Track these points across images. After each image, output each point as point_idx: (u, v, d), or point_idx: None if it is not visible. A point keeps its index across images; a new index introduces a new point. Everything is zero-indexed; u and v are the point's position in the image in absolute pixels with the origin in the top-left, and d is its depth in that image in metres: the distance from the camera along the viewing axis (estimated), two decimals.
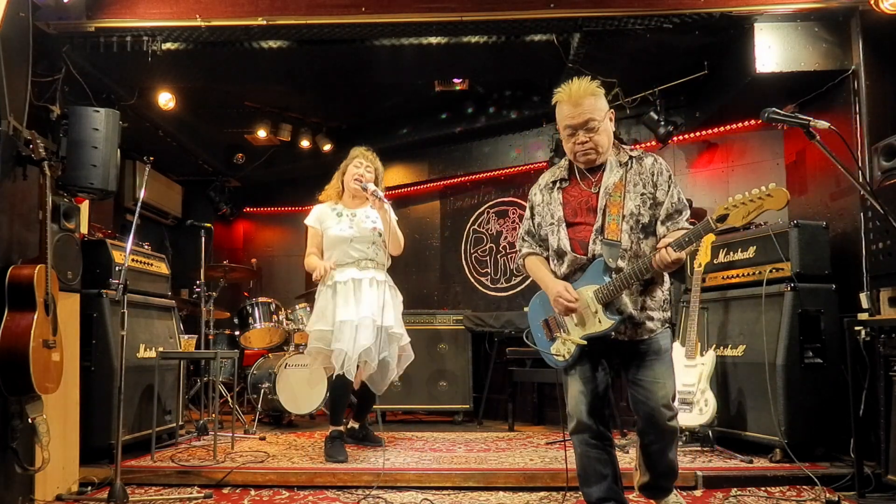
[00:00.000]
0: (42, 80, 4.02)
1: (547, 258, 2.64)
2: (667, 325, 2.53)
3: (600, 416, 2.53)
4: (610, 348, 2.52)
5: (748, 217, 2.16)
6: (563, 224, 2.53)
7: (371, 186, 3.93)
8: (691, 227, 2.38)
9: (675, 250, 2.25)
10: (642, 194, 2.45)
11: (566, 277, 2.53)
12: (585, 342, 2.47)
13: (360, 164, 4.05)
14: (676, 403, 3.23)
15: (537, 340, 2.66)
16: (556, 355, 2.57)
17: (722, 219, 2.19)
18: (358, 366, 3.83)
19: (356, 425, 4.34)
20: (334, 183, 4.15)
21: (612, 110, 2.53)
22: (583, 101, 2.42)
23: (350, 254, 3.96)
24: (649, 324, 2.48)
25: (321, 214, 4.08)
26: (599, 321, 2.43)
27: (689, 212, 2.47)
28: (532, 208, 2.68)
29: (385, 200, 3.89)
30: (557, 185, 2.60)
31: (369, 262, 3.98)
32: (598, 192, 2.48)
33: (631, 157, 2.51)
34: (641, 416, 2.51)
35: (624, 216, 2.43)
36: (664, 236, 2.41)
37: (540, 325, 2.65)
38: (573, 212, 2.53)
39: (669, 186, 2.46)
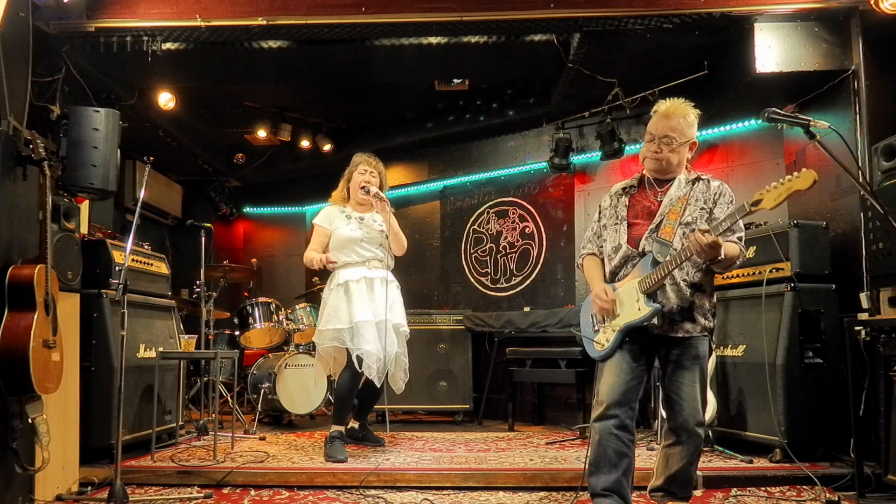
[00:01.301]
0: (42, 80, 4.02)
1: (603, 261, 2.79)
2: (706, 333, 2.61)
3: (629, 409, 2.57)
4: (650, 344, 2.61)
5: (779, 199, 2.27)
6: (625, 222, 2.69)
7: (373, 189, 4.05)
8: (739, 241, 2.53)
9: (710, 234, 2.34)
10: (702, 208, 2.60)
11: (618, 269, 2.67)
12: (624, 329, 2.57)
13: (365, 171, 4.13)
14: None
15: (584, 331, 2.81)
16: (597, 344, 2.68)
17: (756, 203, 2.31)
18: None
19: (356, 425, 4.34)
20: (340, 190, 4.23)
21: (695, 141, 2.68)
22: (672, 117, 2.62)
23: (360, 253, 4.03)
24: (687, 324, 2.57)
25: (330, 215, 4.13)
26: (639, 309, 2.53)
27: (743, 234, 2.58)
28: (600, 211, 2.85)
29: (387, 201, 4.03)
30: (627, 191, 2.77)
31: (378, 263, 4.05)
32: (662, 200, 2.64)
33: (699, 178, 2.67)
34: (670, 417, 2.64)
35: (681, 223, 2.56)
36: None
37: (589, 318, 2.78)
38: (635, 214, 2.70)
39: (728, 207, 2.59)
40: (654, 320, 2.53)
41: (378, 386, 3.96)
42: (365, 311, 3.88)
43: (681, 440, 2.60)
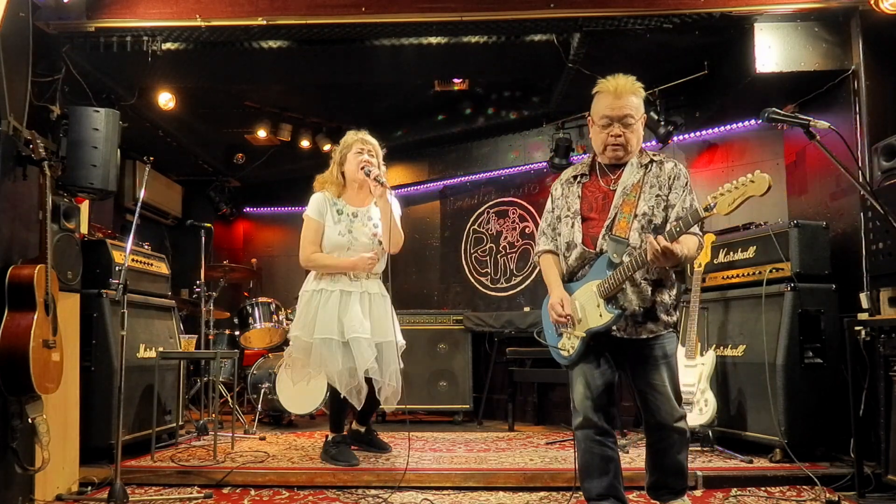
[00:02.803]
0: (42, 80, 4.02)
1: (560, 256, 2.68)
2: (671, 328, 2.56)
3: (605, 413, 2.55)
4: (615, 347, 2.55)
5: (734, 204, 2.19)
6: (579, 217, 2.59)
7: (374, 171, 3.63)
8: (699, 232, 2.44)
9: (665, 240, 2.27)
10: (657, 196, 2.50)
11: (575, 270, 2.59)
12: (587, 335, 2.50)
13: (361, 149, 3.72)
14: None
15: (547, 336, 2.72)
16: (562, 350, 2.61)
17: (709, 208, 2.24)
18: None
19: (361, 429, 4.15)
20: (331, 174, 3.81)
21: (645, 115, 2.58)
22: (626, 95, 2.48)
23: None
24: (651, 324, 2.51)
25: (322, 206, 3.74)
26: (601, 315, 2.46)
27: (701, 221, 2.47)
28: (552, 201, 2.73)
29: (388, 188, 3.61)
30: (578, 179, 2.65)
31: (361, 273, 3.71)
32: (616, 189, 2.54)
33: (652, 161, 2.56)
34: (648, 417, 2.57)
35: (636, 215, 2.47)
36: None
37: (551, 322, 2.69)
38: (588, 206, 2.59)
39: (684, 192, 2.51)
40: (617, 323, 2.47)
41: (362, 396, 3.62)
42: (330, 328, 3.54)
43: (664, 438, 2.55)
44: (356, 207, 3.79)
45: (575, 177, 2.67)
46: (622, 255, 2.43)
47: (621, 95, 2.48)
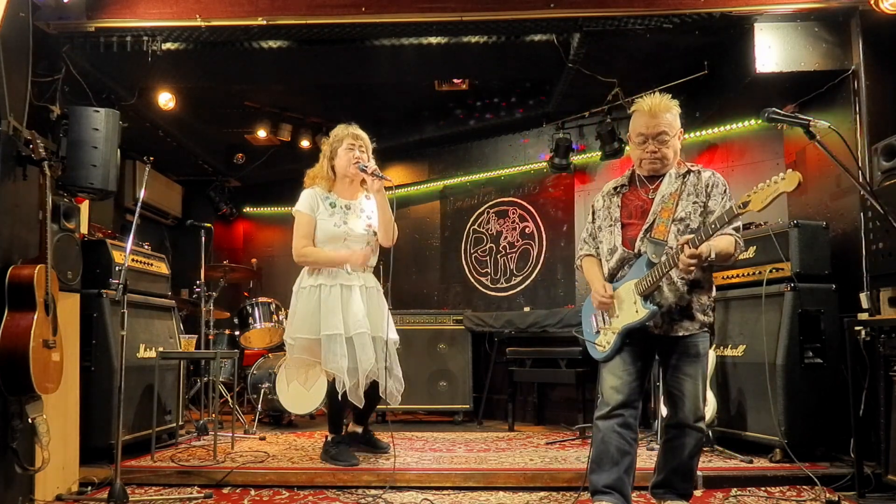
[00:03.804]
0: (42, 80, 4.02)
1: (601, 262, 2.80)
2: (706, 329, 2.63)
3: (632, 407, 2.61)
4: (651, 344, 2.64)
5: (766, 200, 2.29)
6: (619, 224, 2.71)
7: (371, 165, 3.63)
8: (735, 233, 2.52)
9: (690, 247, 2.36)
10: (695, 202, 2.60)
11: (615, 271, 2.69)
12: (623, 331, 2.60)
13: (353, 145, 3.72)
14: None
15: (586, 333, 2.83)
16: (598, 346, 2.71)
17: (745, 204, 2.33)
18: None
19: (358, 430, 4.10)
20: (322, 171, 3.80)
21: (682, 130, 2.69)
22: (660, 114, 2.60)
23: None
24: (686, 322, 2.59)
25: (313, 201, 3.73)
26: (637, 311, 2.55)
27: (739, 224, 2.56)
28: (594, 212, 2.86)
29: (388, 180, 3.60)
30: (618, 190, 2.77)
31: (358, 266, 3.72)
32: (655, 198, 2.64)
33: (690, 171, 2.66)
34: (670, 414, 2.66)
35: (674, 220, 2.57)
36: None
37: (590, 320, 2.79)
38: (628, 214, 2.71)
39: (722, 198, 2.60)
40: (654, 320, 2.55)
41: (361, 393, 3.59)
42: (335, 323, 3.52)
43: (682, 435, 2.62)
44: (348, 200, 3.79)
45: (615, 188, 2.78)
46: (660, 257, 2.51)
47: (656, 115, 2.60)
